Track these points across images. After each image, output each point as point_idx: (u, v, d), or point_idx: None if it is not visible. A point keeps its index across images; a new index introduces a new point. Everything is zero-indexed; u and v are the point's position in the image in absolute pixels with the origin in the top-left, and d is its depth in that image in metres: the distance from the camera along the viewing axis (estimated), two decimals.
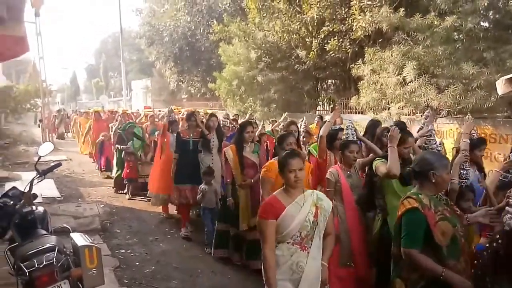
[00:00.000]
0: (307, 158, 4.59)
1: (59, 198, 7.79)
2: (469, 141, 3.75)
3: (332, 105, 9.68)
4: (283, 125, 6.33)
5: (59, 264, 2.78)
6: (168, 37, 21.46)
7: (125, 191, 8.45)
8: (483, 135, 5.85)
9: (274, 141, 5.61)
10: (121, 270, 4.72)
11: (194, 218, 6.59)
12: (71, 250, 3.03)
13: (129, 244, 5.61)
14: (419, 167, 2.57)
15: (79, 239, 2.99)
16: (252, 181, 4.64)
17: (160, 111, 13.69)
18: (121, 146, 8.41)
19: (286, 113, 8.94)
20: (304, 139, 5.44)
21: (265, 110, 13.25)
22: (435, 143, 3.85)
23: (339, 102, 12.25)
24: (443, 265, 2.37)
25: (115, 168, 9.04)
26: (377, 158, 3.54)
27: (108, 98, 42.34)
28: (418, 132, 4.54)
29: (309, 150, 4.75)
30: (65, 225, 3.74)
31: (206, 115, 11.04)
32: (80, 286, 2.91)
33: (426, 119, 4.51)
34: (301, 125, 5.58)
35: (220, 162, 5.59)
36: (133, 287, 4.34)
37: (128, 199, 8.15)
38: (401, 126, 3.52)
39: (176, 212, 6.57)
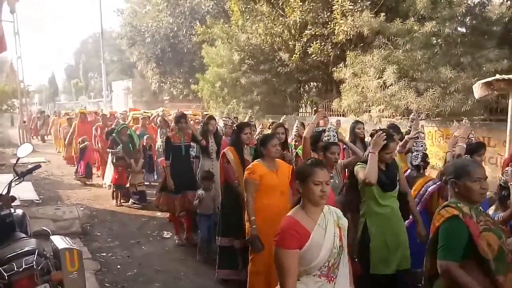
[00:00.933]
0: (294, 160, 4.61)
1: (38, 201, 7.62)
2: (465, 146, 3.80)
3: (315, 108, 9.69)
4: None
5: (39, 268, 2.72)
6: (150, 38, 21.25)
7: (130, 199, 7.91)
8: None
9: None
10: (102, 274, 4.65)
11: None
12: (51, 253, 2.97)
13: (110, 247, 5.53)
14: (446, 175, 2.43)
15: (60, 242, 2.93)
16: None
17: (145, 112, 12.71)
18: (112, 150, 7.81)
19: (285, 116, 8.75)
20: (297, 143, 5.37)
21: (249, 112, 13.28)
22: (421, 146, 3.91)
23: (322, 105, 12.37)
24: (491, 281, 2.11)
25: (108, 177, 8.38)
26: (359, 163, 3.52)
27: (88, 99, 41.62)
28: (405, 135, 4.62)
29: (296, 152, 4.74)
30: (44, 228, 3.66)
31: (195, 116, 10.82)
32: None
33: (412, 122, 4.56)
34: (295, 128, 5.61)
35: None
36: None
37: (117, 205, 7.69)
38: (387, 132, 3.49)
39: (168, 219, 6.38)
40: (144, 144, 8.66)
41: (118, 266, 4.89)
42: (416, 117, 4.64)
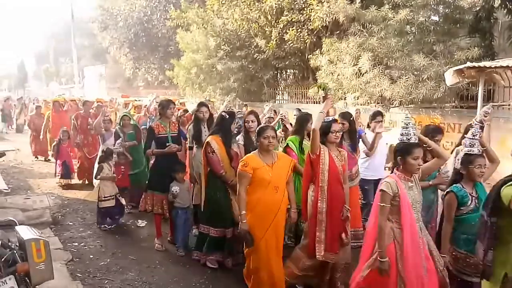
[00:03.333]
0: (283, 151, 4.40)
1: (6, 190, 7.34)
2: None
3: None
4: (267, 117, 5.97)
5: (3, 259, 2.62)
6: (123, 22, 20.68)
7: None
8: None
9: None
10: (74, 264, 4.55)
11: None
12: (17, 244, 2.86)
13: (82, 237, 5.41)
14: None
15: (26, 232, 2.82)
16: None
17: (136, 100, 11.01)
18: (107, 150, 6.25)
19: (271, 104, 8.53)
20: (283, 133, 5.22)
21: (226, 98, 13.19)
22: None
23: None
24: None
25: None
26: (509, 181, 2.59)
27: (59, 85, 40.23)
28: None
29: (287, 143, 4.49)
30: (11, 218, 3.52)
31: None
32: (28, 281, 2.76)
33: (485, 116, 3.78)
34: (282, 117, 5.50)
35: None
36: (87, 281, 4.18)
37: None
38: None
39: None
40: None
41: (91, 256, 4.79)
42: (491, 111, 3.85)
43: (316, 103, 11.09)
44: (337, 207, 3.64)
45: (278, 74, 14.11)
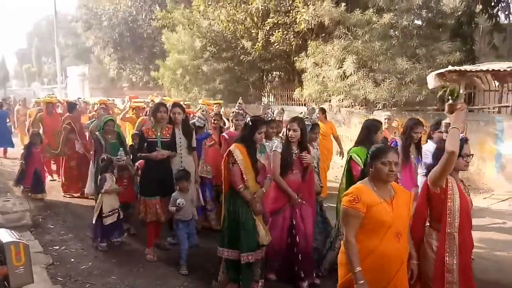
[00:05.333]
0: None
1: None
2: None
3: (275, 97, 9.44)
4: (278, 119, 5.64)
5: None
6: (107, 22, 20.39)
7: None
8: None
9: None
10: (55, 268, 4.46)
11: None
12: None
13: (63, 240, 5.31)
14: None
15: (4, 235, 2.75)
16: (264, 190, 3.83)
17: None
18: (108, 158, 5.14)
19: (281, 107, 8.17)
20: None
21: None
22: None
23: (284, 94, 12.41)
24: None
25: (90, 187, 6.09)
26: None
27: (41, 85, 39.52)
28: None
29: (350, 155, 3.76)
30: None
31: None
32: (7, 285, 2.70)
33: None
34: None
35: (193, 164, 4.89)
36: (68, 285, 4.11)
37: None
38: None
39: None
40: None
41: (72, 260, 4.71)
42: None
43: (301, 105, 11.15)
44: (468, 260, 2.76)
45: (264, 76, 14.14)
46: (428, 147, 4.27)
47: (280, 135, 4.73)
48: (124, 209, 5.22)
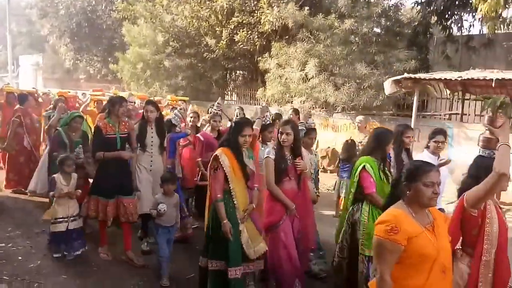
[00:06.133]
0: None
1: None
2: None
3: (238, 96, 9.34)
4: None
5: None
6: (65, 10, 19.59)
7: None
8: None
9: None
10: (1, 266, 4.21)
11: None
12: None
13: (10, 237, 5.02)
14: None
15: None
16: (254, 205, 3.48)
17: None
18: (63, 155, 4.58)
19: (265, 104, 7.93)
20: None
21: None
22: None
23: (246, 93, 12.46)
24: None
25: (34, 185, 5.89)
26: None
27: None
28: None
29: (363, 165, 3.38)
30: None
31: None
32: None
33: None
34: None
35: (162, 165, 4.66)
36: (15, 284, 3.89)
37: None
38: None
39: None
40: None
41: (20, 257, 4.46)
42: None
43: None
44: None
45: (228, 74, 14.11)
46: (424, 157, 4.00)
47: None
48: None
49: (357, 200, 3.46)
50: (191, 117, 5.74)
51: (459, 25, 11.12)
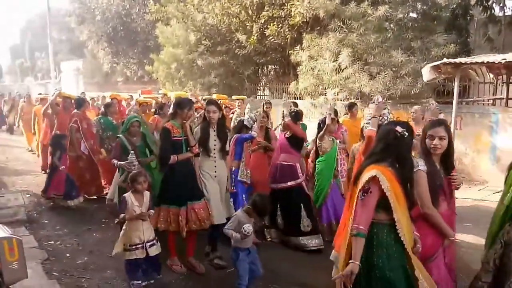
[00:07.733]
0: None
1: None
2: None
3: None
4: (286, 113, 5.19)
5: None
6: (101, 16, 20.24)
7: None
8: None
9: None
10: (51, 263, 4.44)
11: None
12: None
13: (59, 235, 5.29)
14: None
15: None
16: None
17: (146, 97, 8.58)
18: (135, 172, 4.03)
19: (381, 100, 7.74)
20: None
21: (206, 94, 13.09)
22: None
23: (279, 87, 12.36)
24: None
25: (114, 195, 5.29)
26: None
27: (35, 80, 39.19)
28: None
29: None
30: None
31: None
32: (1, 280, 2.69)
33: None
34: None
35: (226, 171, 4.42)
36: (64, 280, 4.09)
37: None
38: None
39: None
40: None
41: (68, 255, 4.69)
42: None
43: (297, 98, 11.13)
44: None
45: (259, 69, 14.08)
46: None
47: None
48: None
49: None
50: (261, 119, 5.40)
51: (501, 4, 10.51)
